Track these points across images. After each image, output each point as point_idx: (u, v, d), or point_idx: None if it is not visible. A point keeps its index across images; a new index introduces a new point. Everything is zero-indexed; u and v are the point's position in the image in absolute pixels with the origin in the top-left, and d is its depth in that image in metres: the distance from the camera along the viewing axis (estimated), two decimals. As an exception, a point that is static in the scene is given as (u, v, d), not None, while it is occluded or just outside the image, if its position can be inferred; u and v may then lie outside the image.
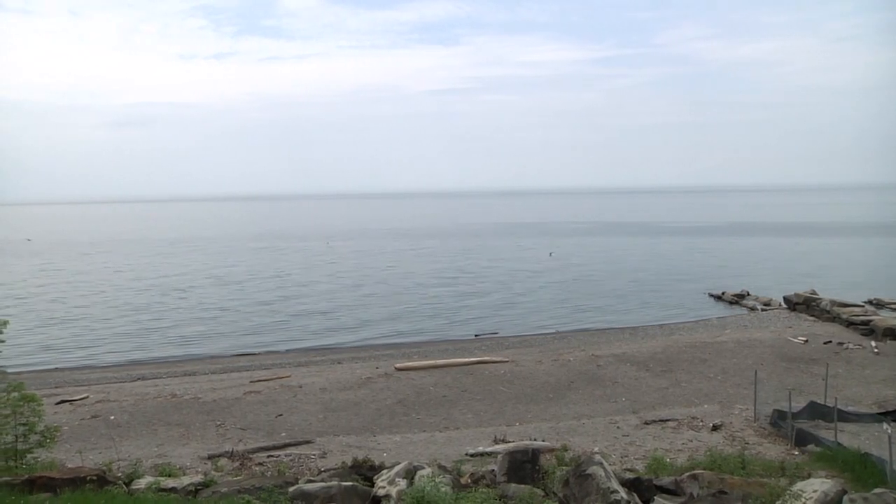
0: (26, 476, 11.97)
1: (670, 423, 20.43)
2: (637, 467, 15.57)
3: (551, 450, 16.71)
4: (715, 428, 19.67)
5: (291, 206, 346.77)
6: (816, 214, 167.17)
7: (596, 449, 17.49)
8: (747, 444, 17.93)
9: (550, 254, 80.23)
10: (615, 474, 12.11)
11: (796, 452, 17.07)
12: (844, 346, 30.98)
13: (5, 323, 12.60)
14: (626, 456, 17.37)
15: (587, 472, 11.64)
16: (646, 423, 20.55)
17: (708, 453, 15.82)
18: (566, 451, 16.67)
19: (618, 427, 20.30)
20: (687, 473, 13.01)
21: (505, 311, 46.41)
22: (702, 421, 20.55)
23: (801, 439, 17.58)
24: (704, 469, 13.50)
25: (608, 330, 39.77)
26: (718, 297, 49.56)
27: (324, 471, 14.63)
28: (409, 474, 12.43)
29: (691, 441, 18.67)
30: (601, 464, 11.88)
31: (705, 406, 22.57)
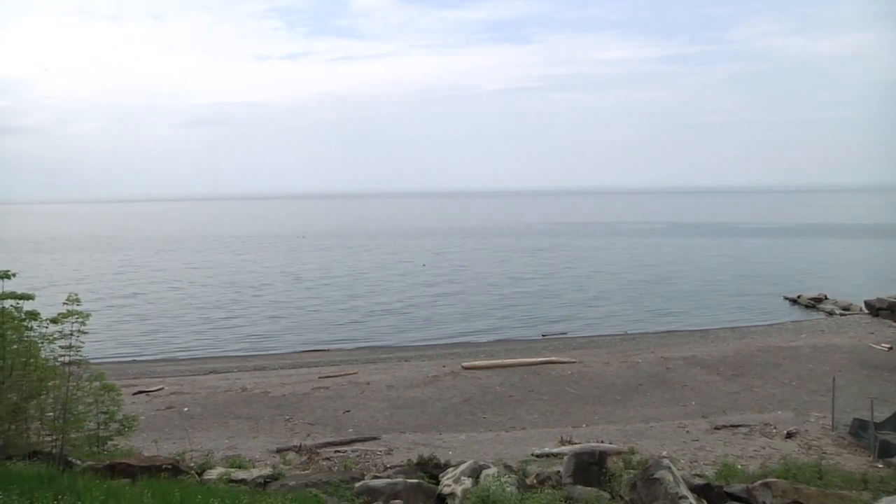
0: (108, 462, 12.53)
1: (742, 429, 19.83)
2: (707, 473, 15.15)
3: (618, 452, 16.46)
4: (789, 435, 18.99)
5: (362, 204, 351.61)
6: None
7: (664, 453, 17.10)
8: (824, 453, 17.23)
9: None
10: (684, 479, 11.87)
11: (880, 465, 16.25)
12: (933, 354, 29.51)
13: (87, 316, 13.15)
14: (696, 461, 16.96)
15: (655, 476, 11.44)
16: (716, 429, 20.01)
17: (782, 461, 15.22)
18: (633, 454, 16.38)
19: (687, 431, 19.85)
20: (759, 481, 12.58)
21: (573, 311, 45.93)
22: (775, 428, 19.86)
23: (886, 451, 16.68)
24: (778, 477, 13.01)
25: (678, 332, 38.94)
26: (794, 301, 47.74)
27: (389, 467, 14.80)
28: (475, 473, 12.45)
29: (764, 448, 18.07)
30: (669, 468, 11.66)
31: (779, 412, 21.81)
